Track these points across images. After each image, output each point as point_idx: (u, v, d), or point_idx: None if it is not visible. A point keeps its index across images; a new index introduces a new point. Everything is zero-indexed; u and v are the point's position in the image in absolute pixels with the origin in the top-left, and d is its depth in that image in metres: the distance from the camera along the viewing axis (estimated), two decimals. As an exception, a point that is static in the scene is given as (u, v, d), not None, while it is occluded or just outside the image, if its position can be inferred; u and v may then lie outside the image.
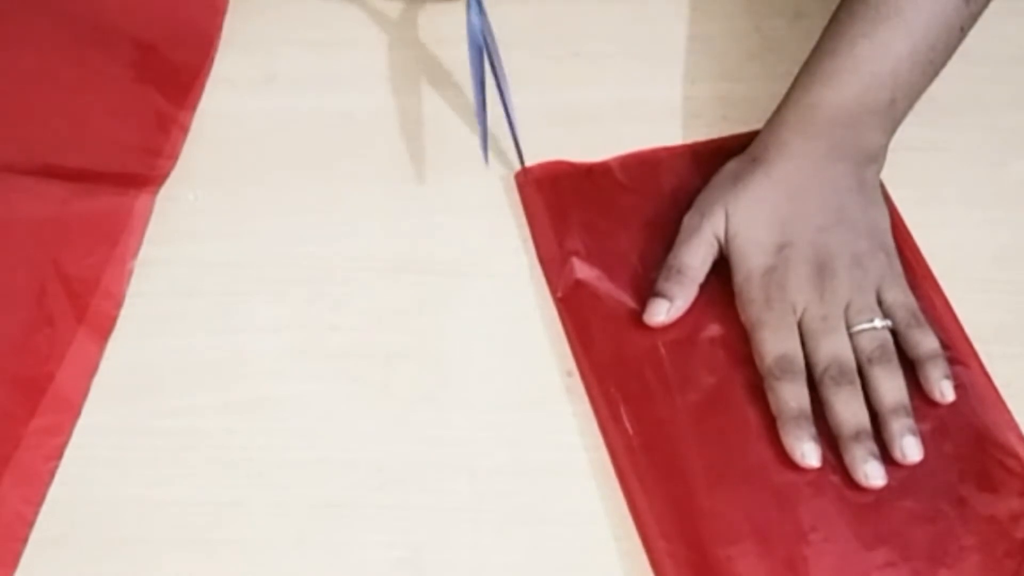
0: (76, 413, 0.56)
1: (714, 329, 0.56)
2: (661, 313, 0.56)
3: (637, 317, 0.56)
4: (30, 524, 0.52)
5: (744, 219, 0.55)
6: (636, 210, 0.61)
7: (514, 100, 0.65)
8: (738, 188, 0.56)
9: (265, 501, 0.54)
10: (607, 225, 0.60)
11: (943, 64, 0.58)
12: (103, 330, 0.59)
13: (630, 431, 0.53)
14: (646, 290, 0.57)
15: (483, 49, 0.58)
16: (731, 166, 0.58)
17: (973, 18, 0.57)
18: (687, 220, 0.57)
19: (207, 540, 0.53)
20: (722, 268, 0.57)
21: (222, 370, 0.58)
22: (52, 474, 0.54)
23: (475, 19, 0.56)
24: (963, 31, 0.57)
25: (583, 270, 0.58)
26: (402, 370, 0.58)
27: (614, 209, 0.61)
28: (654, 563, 0.49)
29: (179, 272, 0.61)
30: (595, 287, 0.58)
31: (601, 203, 0.61)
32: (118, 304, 0.60)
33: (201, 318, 0.59)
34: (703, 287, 0.56)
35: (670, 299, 0.56)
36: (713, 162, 0.60)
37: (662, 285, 0.56)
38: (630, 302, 0.57)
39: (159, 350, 0.58)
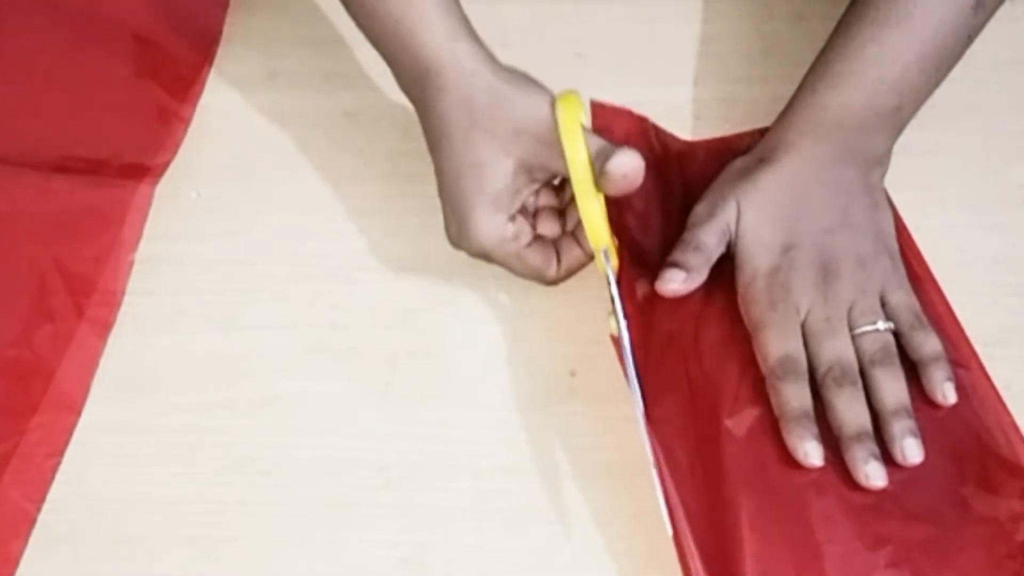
0: (78, 410, 0.56)
1: (716, 328, 0.56)
2: (676, 280, 0.55)
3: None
4: (32, 521, 0.52)
5: (752, 218, 0.56)
6: (653, 195, 0.61)
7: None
8: (748, 185, 0.56)
9: (267, 500, 0.54)
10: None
11: (949, 70, 0.58)
12: (104, 325, 0.59)
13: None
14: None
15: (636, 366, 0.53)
16: (737, 164, 0.59)
17: (980, 26, 0.57)
18: (700, 208, 0.57)
19: (209, 538, 0.53)
20: (724, 268, 0.57)
21: (224, 368, 0.58)
22: (54, 471, 0.54)
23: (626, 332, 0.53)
24: (970, 39, 0.57)
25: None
26: (404, 369, 0.58)
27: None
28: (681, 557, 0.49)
29: (181, 270, 0.61)
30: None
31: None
32: (119, 299, 0.60)
33: (203, 316, 0.59)
34: (704, 286, 0.56)
35: (686, 270, 0.56)
36: (722, 160, 0.60)
37: (678, 256, 0.56)
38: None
39: (161, 348, 0.58)
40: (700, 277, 0.56)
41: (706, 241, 0.56)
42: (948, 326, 0.56)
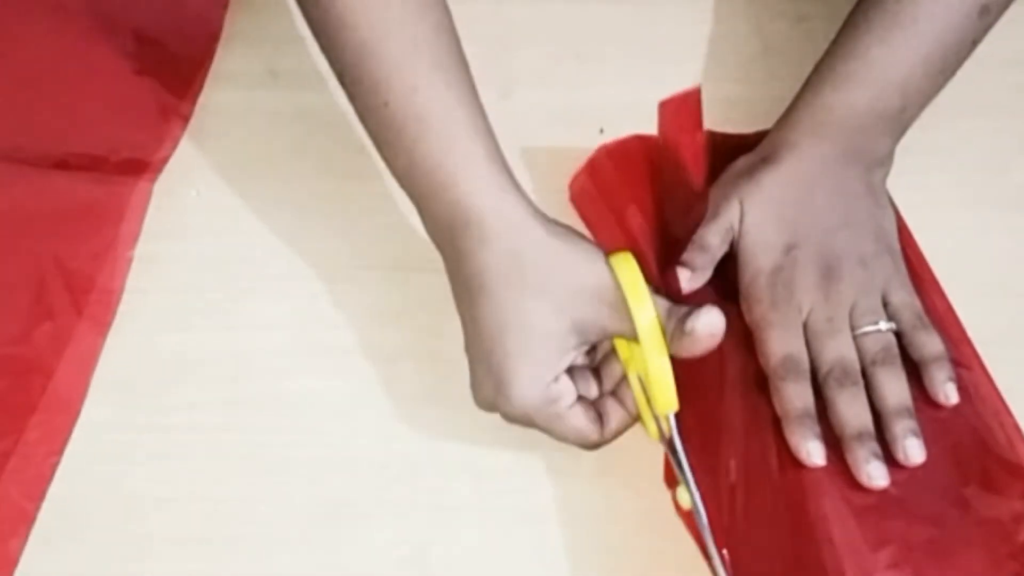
0: (77, 409, 0.56)
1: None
2: (682, 279, 0.56)
3: None
4: (31, 520, 0.52)
5: (754, 218, 0.56)
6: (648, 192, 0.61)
7: (516, 100, 0.65)
8: (751, 185, 0.56)
9: (267, 499, 0.54)
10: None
11: (953, 73, 0.58)
12: (103, 323, 0.58)
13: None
14: None
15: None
16: (741, 163, 0.59)
17: (985, 30, 0.57)
18: None
19: (209, 538, 0.53)
20: (728, 268, 0.57)
21: (223, 367, 0.58)
22: (53, 470, 0.54)
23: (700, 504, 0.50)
24: (975, 43, 0.57)
25: None
26: (404, 369, 0.58)
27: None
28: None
29: (180, 268, 0.61)
30: None
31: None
32: (118, 296, 0.60)
33: (203, 315, 0.59)
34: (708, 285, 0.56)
35: (691, 268, 0.56)
36: (725, 157, 0.60)
37: (683, 255, 0.56)
38: None
39: (160, 347, 0.58)
40: (704, 276, 0.56)
41: (710, 240, 0.56)
42: (949, 326, 0.56)
